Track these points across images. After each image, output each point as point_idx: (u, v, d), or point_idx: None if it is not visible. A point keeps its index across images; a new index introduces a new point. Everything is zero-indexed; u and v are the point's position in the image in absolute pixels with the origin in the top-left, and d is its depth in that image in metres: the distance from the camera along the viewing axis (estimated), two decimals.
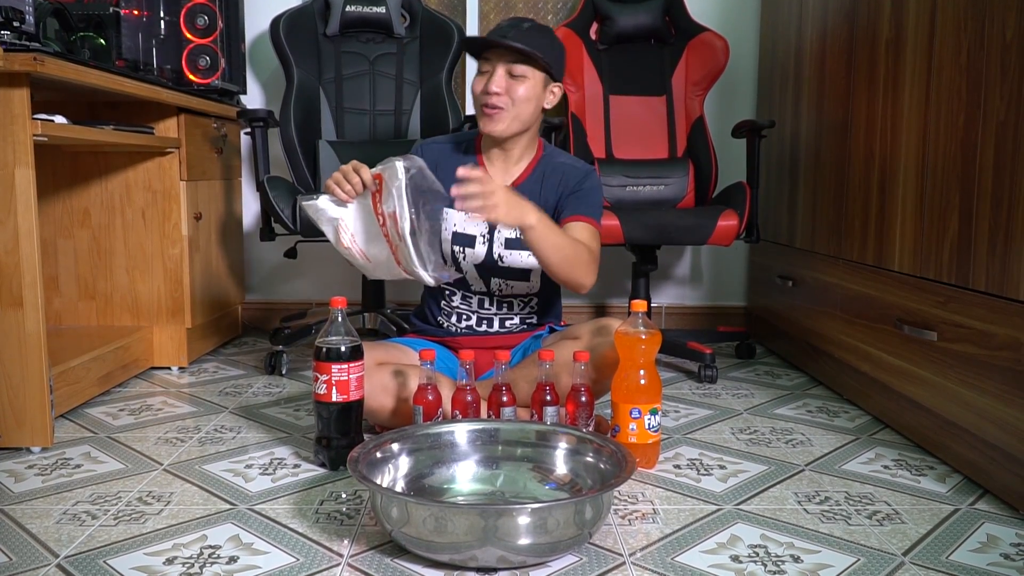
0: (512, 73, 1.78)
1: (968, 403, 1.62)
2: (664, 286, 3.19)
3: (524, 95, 1.79)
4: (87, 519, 1.42)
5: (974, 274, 1.60)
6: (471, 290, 1.91)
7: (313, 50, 2.79)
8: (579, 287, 1.78)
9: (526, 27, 1.78)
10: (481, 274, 1.89)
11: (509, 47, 1.75)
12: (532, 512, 1.19)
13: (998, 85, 1.52)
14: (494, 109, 1.78)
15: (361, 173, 1.64)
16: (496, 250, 1.86)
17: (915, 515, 1.47)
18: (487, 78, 1.79)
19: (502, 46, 1.76)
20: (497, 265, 1.87)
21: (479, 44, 1.81)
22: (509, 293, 1.92)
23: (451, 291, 1.93)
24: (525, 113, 1.81)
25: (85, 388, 2.05)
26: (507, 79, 1.78)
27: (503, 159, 1.89)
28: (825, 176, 2.38)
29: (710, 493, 1.56)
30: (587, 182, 1.88)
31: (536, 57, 1.77)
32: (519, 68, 1.78)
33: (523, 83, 1.79)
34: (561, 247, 1.71)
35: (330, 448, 1.65)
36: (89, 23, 2.41)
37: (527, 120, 1.82)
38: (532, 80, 1.80)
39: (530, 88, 1.79)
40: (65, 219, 2.41)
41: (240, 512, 1.45)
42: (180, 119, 2.38)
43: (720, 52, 2.79)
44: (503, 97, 1.77)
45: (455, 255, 1.88)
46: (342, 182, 1.66)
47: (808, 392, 2.32)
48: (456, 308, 1.93)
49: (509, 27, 1.79)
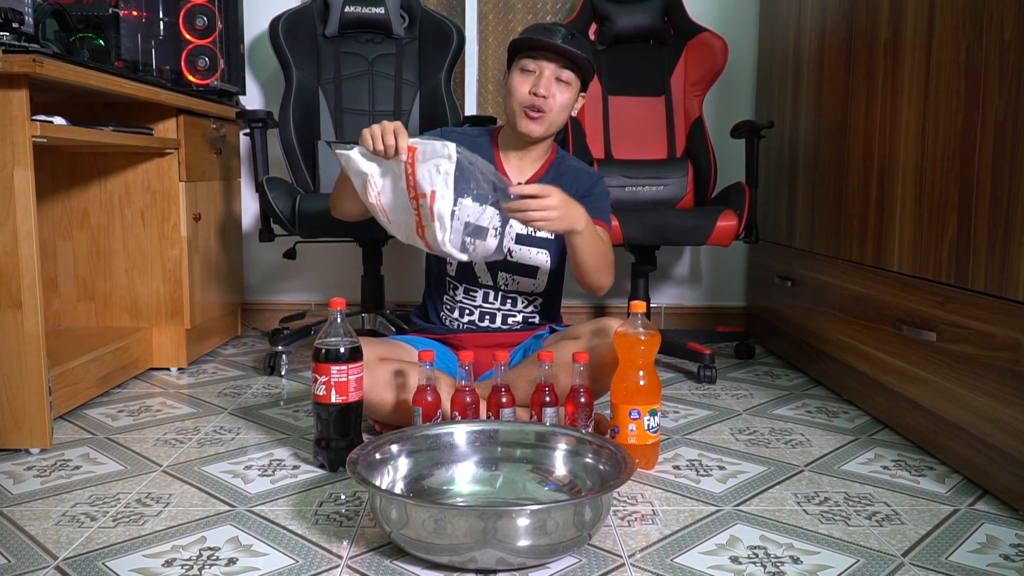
0: (559, 78, 1.80)
1: (967, 403, 1.62)
2: (663, 286, 3.19)
3: (565, 102, 1.82)
4: (86, 521, 1.42)
5: (973, 274, 1.60)
6: (477, 283, 1.91)
7: (312, 51, 2.79)
8: (600, 289, 1.84)
9: (569, 34, 1.79)
10: (489, 267, 1.90)
11: (566, 51, 1.77)
12: (531, 514, 1.19)
13: (997, 85, 1.52)
14: (539, 112, 1.80)
15: (399, 139, 1.58)
16: (507, 244, 1.87)
17: (914, 516, 1.47)
18: (533, 79, 1.80)
19: (560, 50, 1.77)
20: (506, 260, 1.88)
21: (536, 45, 1.79)
22: (515, 289, 1.92)
23: (455, 285, 1.93)
24: (560, 120, 1.84)
25: (84, 389, 2.05)
26: (555, 84, 1.79)
27: (520, 158, 1.91)
28: (824, 176, 2.38)
29: (709, 494, 1.56)
30: (598, 187, 1.92)
31: (586, 66, 1.80)
32: (567, 74, 1.80)
33: (567, 90, 1.81)
34: (598, 251, 1.77)
35: (329, 449, 1.65)
36: (88, 24, 2.41)
37: (559, 126, 1.85)
38: (573, 88, 1.83)
39: (570, 96, 1.82)
40: (64, 220, 2.41)
41: (239, 514, 1.45)
42: (179, 120, 2.38)
43: (719, 52, 2.79)
44: (548, 101, 1.79)
45: (465, 245, 1.88)
46: (377, 138, 1.58)
47: (807, 392, 2.32)
48: (460, 302, 1.93)
49: (555, 30, 1.79)
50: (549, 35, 1.78)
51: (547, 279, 1.93)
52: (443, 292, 1.96)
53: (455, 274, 1.93)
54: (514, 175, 1.89)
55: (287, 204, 2.35)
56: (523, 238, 1.88)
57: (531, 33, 1.81)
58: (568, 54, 1.78)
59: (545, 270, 1.91)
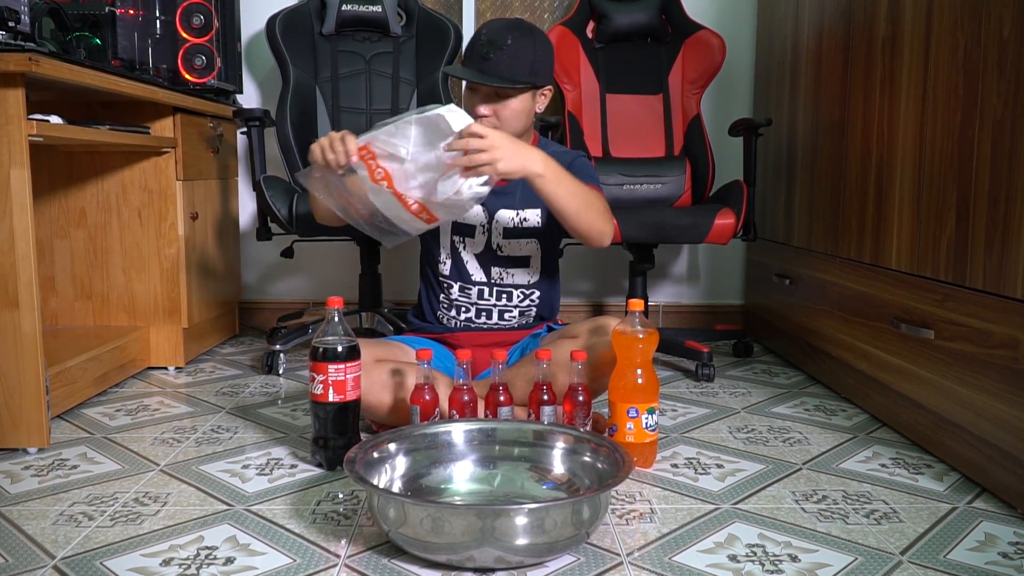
0: (498, 94, 1.75)
1: (965, 401, 1.62)
2: (661, 284, 3.19)
3: (513, 111, 1.77)
4: (84, 520, 1.42)
5: (971, 272, 1.60)
6: (471, 280, 1.91)
7: (309, 49, 2.78)
8: (600, 236, 1.74)
9: (509, 43, 1.72)
10: (481, 263, 1.89)
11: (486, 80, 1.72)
12: (529, 512, 1.19)
13: (995, 83, 1.52)
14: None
15: (346, 143, 1.58)
16: (495, 240, 1.87)
17: (913, 514, 1.47)
18: (475, 98, 1.77)
19: (482, 81, 1.72)
20: (496, 255, 1.88)
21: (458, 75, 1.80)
22: (510, 283, 1.92)
23: (449, 283, 1.93)
24: (516, 126, 1.79)
25: (81, 388, 2.05)
26: (494, 100, 1.76)
27: None
28: (822, 174, 2.38)
29: (707, 492, 1.56)
30: (577, 162, 1.86)
31: (517, 87, 1.75)
32: (503, 91, 1.76)
33: (511, 103, 1.76)
34: (576, 192, 1.68)
35: (327, 448, 1.65)
36: (85, 23, 2.40)
37: (520, 130, 1.80)
38: (519, 97, 1.77)
39: (517, 104, 1.77)
40: (61, 219, 2.41)
41: (237, 513, 1.45)
42: (176, 119, 2.38)
43: (717, 50, 2.79)
44: (491, 119, 1.76)
45: (454, 246, 1.88)
46: (327, 150, 1.59)
47: (805, 390, 2.32)
48: (455, 300, 1.92)
49: (490, 47, 1.72)
50: (479, 52, 1.72)
51: (540, 267, 1.92)
52: (438, 292, 1.95)
53: (448, 272, 1.92)
54: None
55: (284, 203, 2.35)
56: (511, 231, 1.88)
57: (468, 52, 1.76)
58: (490, 81, 1.72)
59: (537, 257, 1.91)
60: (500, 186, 1.82)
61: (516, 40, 1.73)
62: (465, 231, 1.89)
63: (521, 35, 1.74)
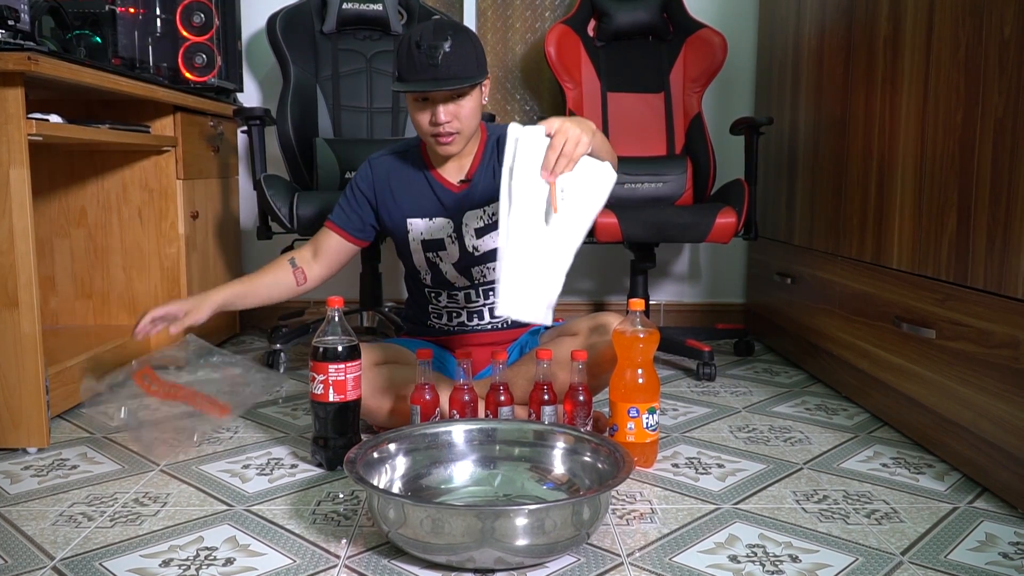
0: (458, 96, 1.70)
1: (967, 401, 1.62)
2: (662, 283, 3.19)
3: (471, 111, 1.72)
4: (83, 521, 1.41)
5: (972, 272, 1.59)
6: (455, 288, 1.88)
7: (310, 47, 2.78)
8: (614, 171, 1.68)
9: (448, 47, 1.65)
10: (461, 271, 1.86)
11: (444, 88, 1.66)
12: (529, 513, 1.19)
13: (996, 82, 1.52)
14: (449, 136, 1.72)
15: None
16: (468, 243, 1.83)
17: (913, 514, 1.46)
18: (430, 108, 1.70)
19: (445, 88, 1.66)
20: (473, 256, 1.85)
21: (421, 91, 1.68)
22: (492, 277, 1.87)
23: (435, 293, 1.91)
24: (474, 125, 1.75)
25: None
26: (452, 103, 1.70)
27: (456, 163, 1.83)
28: (823, 173, 2.38)
29: (708, 492, 1.56)
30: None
31: (476, 83, 1.70)
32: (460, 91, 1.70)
33: (467, 101, 1.71)
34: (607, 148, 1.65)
35: (327, 448, 1.64)
36: (85, 21, 2.39)
37: (476, 128, 1.78)
38: (473, 94, 1.72)
39: (474, 101, 1.72)
40: (61, 218, 2.41)
41: (237, 513, 1.45)
42: (176, 117, 2.37)
43: (718, 49, 2.78)
44: (454, 123, 1.71)
45: (430, 261, 1.85)
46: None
47: (807, 389, 2.32)
48: (445, 307, 1.91)
49: (432, 53, 1.65)
50: (430, 60, 1.65)
51: None
52: (426, 302, 1.93)
53: (432, 283, 1.89)
54: (455, 176, 1.83)
55: (285, 202, 2.35)
56: (481, 230, 1.82)
57: (409, 64, 1.67)
58: (451, 86, 1.66)
59: None
60: (459, 191, 1.81)
61: (454, 39, 1.67)
62: (436, 246, 1.84)
63: (456, 33, 1.68)
